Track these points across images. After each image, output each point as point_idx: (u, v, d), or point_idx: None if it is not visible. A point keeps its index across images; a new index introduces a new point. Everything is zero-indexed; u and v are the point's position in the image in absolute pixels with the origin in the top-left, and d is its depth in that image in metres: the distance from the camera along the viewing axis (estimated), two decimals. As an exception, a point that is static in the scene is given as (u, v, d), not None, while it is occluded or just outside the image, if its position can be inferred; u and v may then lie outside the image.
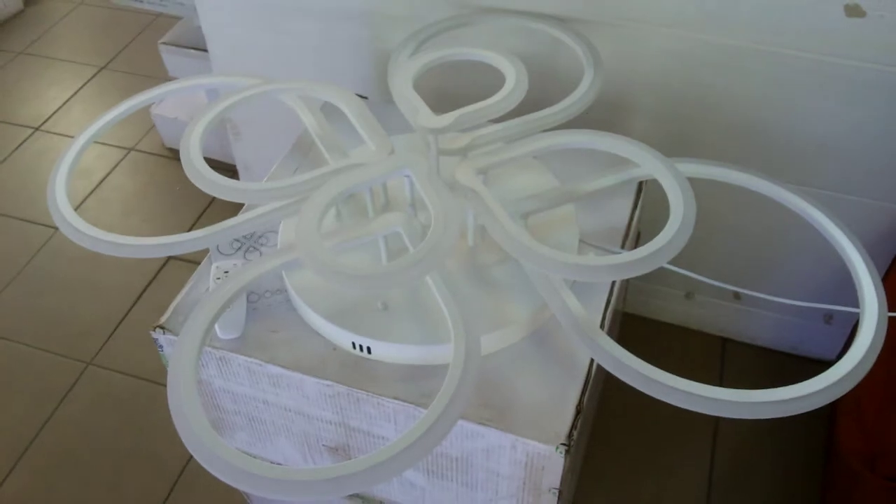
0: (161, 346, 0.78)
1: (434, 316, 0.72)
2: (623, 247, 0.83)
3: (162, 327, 0.77)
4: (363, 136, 0.79)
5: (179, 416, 0.59)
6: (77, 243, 0.75)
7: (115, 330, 1.38)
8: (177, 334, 0.76)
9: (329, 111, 0.90)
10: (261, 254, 0.83)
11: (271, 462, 0.86)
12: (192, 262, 1.49)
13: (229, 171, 0.74)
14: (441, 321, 0.68)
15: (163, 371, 0.75)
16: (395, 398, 0.69)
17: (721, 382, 1.27)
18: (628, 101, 1.07)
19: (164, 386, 0.62)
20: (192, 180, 0.75)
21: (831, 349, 1.28)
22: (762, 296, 0.85)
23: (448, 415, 0.58)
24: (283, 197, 0.75)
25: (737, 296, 1.24)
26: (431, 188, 0.68)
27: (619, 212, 0.86)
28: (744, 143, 1.05)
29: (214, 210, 1.60)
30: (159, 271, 1.49)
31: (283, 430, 0.82)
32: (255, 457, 0.86)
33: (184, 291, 0.80)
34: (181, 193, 1.65)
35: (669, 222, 0.68)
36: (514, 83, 0.79)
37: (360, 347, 0.72)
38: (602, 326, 0.74)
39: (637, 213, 0.87)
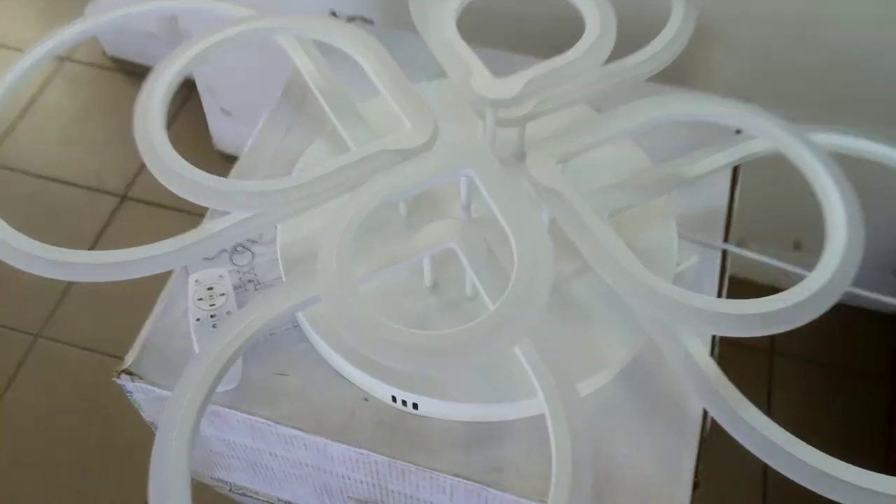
0: (129, 392, 0.59)
1: (503, 358, 0.53)
2: (726, 240, 0.65)
3: (129, 373, 0.57)
4: (396, 111, 0.57)
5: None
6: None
7: (64, 294, 1.16)
8: (149, 381, 0.57)
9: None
10: (253, 255, 0.63)
11: (278, 499, 0.70)
12: (151, 204, 1.26)
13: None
14: (511, 363, 0.51)
15: (127, 344, 0.58)
16: (456, 475, 0.52)
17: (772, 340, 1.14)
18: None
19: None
20: (164, 181, 0.53)
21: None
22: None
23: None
24: (298, 201, 0.54)
25: (797, 246, 1.07)
26: (509, 202, 0.48)
27: (714, 193, 0.67)
28: (842, 87, 0.85)
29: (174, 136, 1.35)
30: (113, 215, 1.26)
31: (297, 480, 0.65)
32: (258, 493, 0.70)
33: (153, 318, 0.60)
34: (127, 116, 1.39)
35: (832, 237, 0.50)
36: (598, 28, 0.57)
37: (404, 402, 0.54)
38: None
39: (737, 195, 0.68)
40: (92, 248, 1.22)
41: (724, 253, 0.63)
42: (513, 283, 0.44)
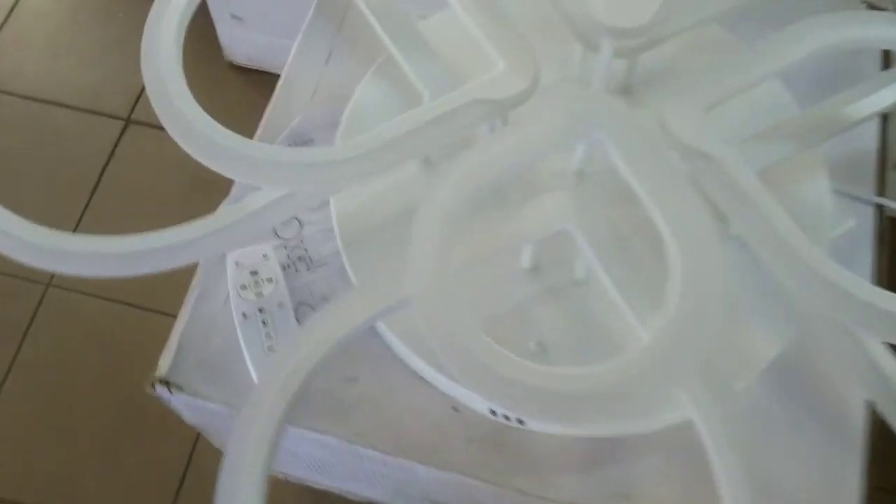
0: (167, 401, 0.49)
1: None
2: (880, 192, 0.53)
3: (166, 382, 0.47)
4: (482, 42, 0.44)
5: None
6: None
7: (73, 231, 1.05)
8: (191, 392, 0.47)
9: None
10: (301, 225, 0.52)
11: (339, 488, 0.62)
12: (161, 129, 1.12)
13: None
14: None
15: (149, 293, 0.49)
16: (575, 505, 0.43)
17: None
18: None
19: (152, 312, 0.39)
20: (191, 149, 0.42)
21: None
22: None
23: None
24: (363, 174, 0.42)
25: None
26: (658, 181, 0.36)
27: (857, 133, 0.54)
28: None
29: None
30: (118, 142, 1.13)
31: (367, 483, 0.56)
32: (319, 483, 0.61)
33: (186, 311, 0.49)
34: (125, 21, 1.23)
35: None
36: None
37: (507, 416, 0.44)
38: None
39: (890, 134, 0.55)
40: (96, 186, 1.09)
41: (880, 210, 0.51)
42: (677, 300, 0.33)
